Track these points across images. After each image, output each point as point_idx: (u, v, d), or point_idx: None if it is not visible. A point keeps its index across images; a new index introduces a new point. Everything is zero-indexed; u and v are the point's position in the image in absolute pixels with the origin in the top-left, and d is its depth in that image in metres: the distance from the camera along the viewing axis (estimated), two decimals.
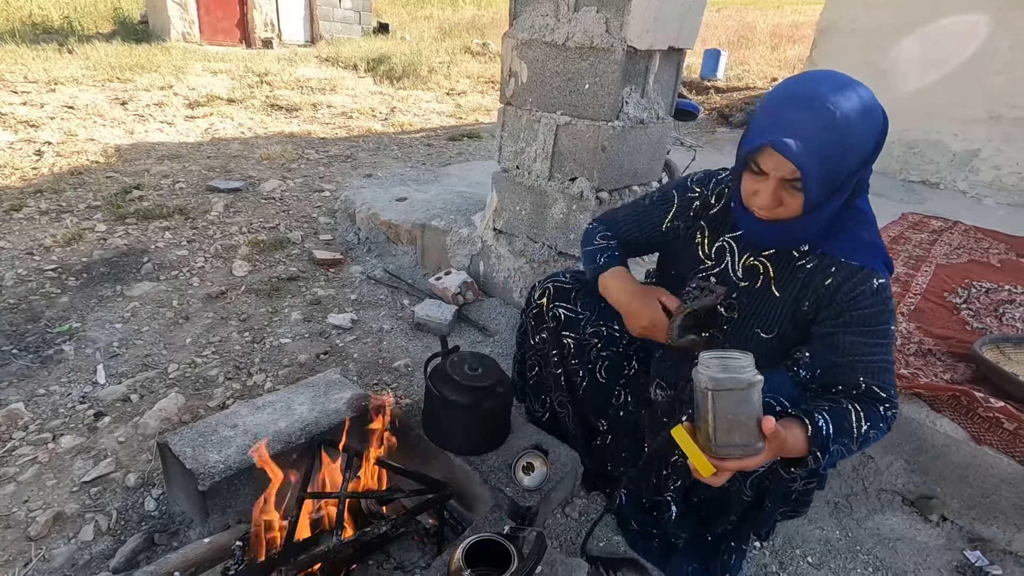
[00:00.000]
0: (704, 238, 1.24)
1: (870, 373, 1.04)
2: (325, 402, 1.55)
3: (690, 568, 1.35)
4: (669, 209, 1.28)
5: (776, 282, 1.14)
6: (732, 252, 1.20)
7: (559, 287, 1.41)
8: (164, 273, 2.48)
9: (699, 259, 1.24)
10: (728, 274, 1.21)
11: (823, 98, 0.91)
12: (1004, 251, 3.04)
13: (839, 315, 1.06)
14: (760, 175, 0.99)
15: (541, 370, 1.52)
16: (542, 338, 1.46)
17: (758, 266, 1.16)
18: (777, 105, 0.96)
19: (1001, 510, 1.43)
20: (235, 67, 7.02)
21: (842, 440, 0.98)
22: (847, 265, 1.06)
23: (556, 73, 2.00)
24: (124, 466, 1.52)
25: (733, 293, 1.19)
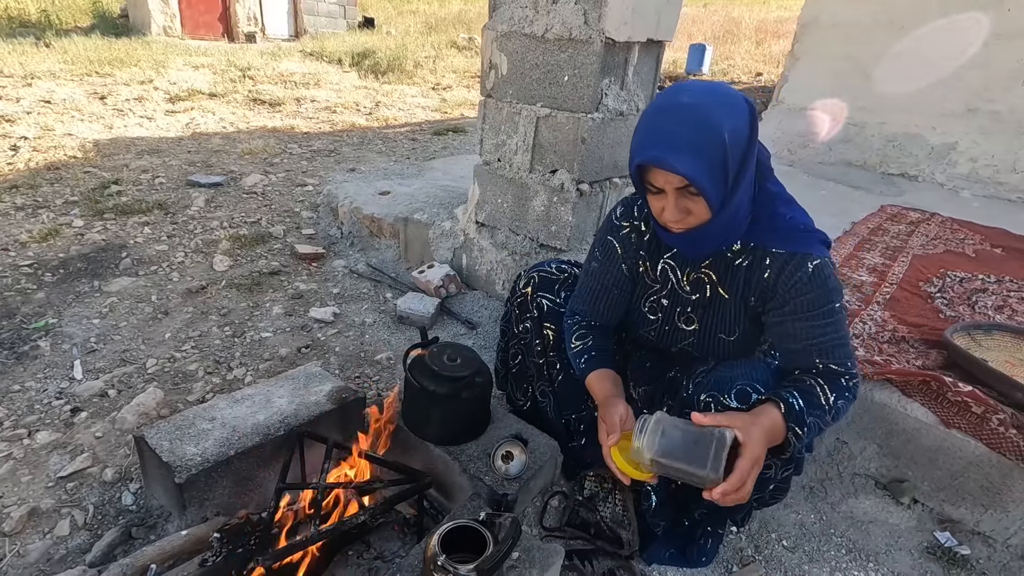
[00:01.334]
0: (646, 265, 1.24)
1: (824, 353, 1.07)
2: (305, 394, 1.54)
3: (667, 553, 1.38)
4: (616, 255, 1.26)
5: (722, 286, 1.16)
6: (674, 271, 1.22)
7: (544, 277, 1.42)
8: (143, 268, 2.46)
9: (647, 285, 1.26)
10: (676, 292, 1.22)
11: (685, 104, 0.94)
12: (979, 242, 3.10)
13: (783, 305, 1.09)
14: (658, 193, 1.01)
15: (524, 359, 1.53)
16: (525, 327, 1.46)
17: (702, 277, 1.18)
18: (647, 122, 0.98)
19: (969, 492, 1.46)
20: (217, 61, 6.93)
21: (815, 412, 1.02)
22: (779, 255, 1.07)
23: (536, 65, 2.00)
24: (101, 461, 1.51)
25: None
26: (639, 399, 1.46)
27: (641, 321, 1.29)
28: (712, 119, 0.92)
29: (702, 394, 1.20)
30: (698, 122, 0.92)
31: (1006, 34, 3.81)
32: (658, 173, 0.97)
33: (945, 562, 1.43)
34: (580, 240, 2.24)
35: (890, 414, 1.54)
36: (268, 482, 1.42)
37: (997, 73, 3.90)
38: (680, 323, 1.24)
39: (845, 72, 4.46)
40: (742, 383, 1.15)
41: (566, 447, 1.55)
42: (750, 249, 1.10)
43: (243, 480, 1.36)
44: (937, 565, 1.43)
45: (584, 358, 1.30)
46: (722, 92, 0.96)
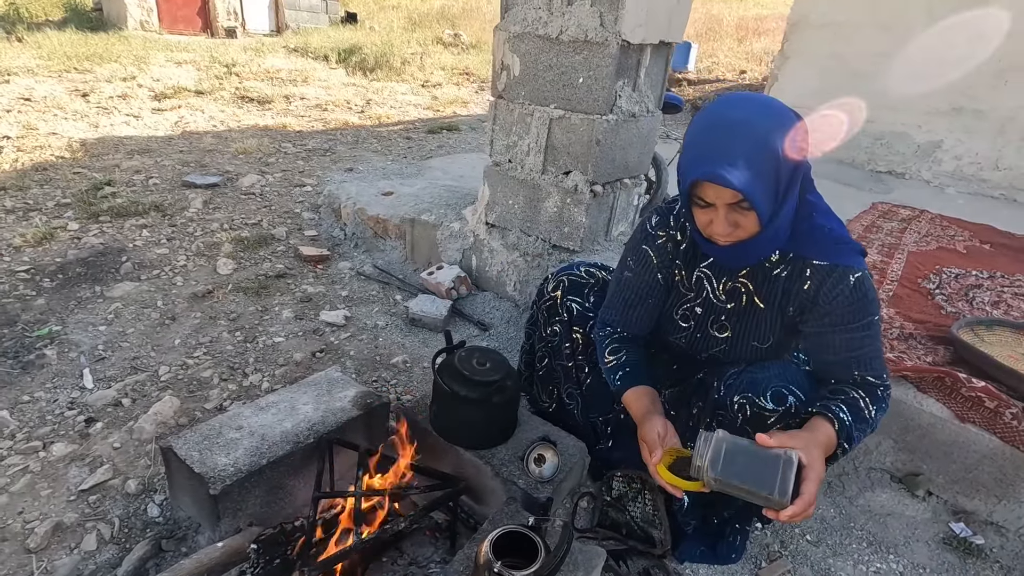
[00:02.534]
0: (682, 273, 1.25)
1: (862, 365, 1.10)
2: (329, 401, 1.53)
3: (698, 551, 1.40)
4: (651, 264, 1.26)
5: (758, 295, 1.17)
6: (710, 280, 1.22)
7: (574, 281, 1.43)
8: (145, 273, 2.40)
9: (681, 294, 1.26)
10: (711, 301, 1.23)
11: (739, 120, 0.94)
12: (968, 238, 3.20)
13: (823, 316, 1.10)
14: (707, 206, 1.01)
15: (551, 361, 1.54)
16: (554, 330, 1.47)
17: (738, 287, 1.19)
18: (699, 138, 0.98)
19: (983, 484, 1.52)
20: (200, 57, 6.78)
21: (860, 426, 1.05)
22: (821, 267, 1.08)
23: (549, 67, 2.00)
24: (122, 472, 1.48)
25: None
26: (666, 401, 1.48)
27: (672, 328, 1.30)
28: (766, 135, 0.93)
29: (735, 396, 1.21)
30: (753, 138, 0.93)
31: (989, 35, 3.91)
32: (710, 187, 0.97)
33: (961, 552, 1.48)
34: (592, 241, 2.25)
35: (906, 410, 1.59)
36: (298, 491, 1.41)
37: (981, 73, 4.01)
38: (712, 331, 1.25)
39: (834, 71, 4.55)
40: (776, 384, 1.17)
41: (593, 448, 1.56)
42: (789, 260, 1.11)
43: (274, 489, 1.35)
44: (954, 555, 1.48)
45: (619, 374, 1.29)
46: (773, 106, 0.97)
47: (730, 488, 0.95)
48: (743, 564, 1.41)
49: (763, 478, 0.92)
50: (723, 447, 0.95)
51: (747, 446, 0.96)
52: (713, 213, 1.01)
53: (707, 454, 0.95)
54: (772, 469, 0.92)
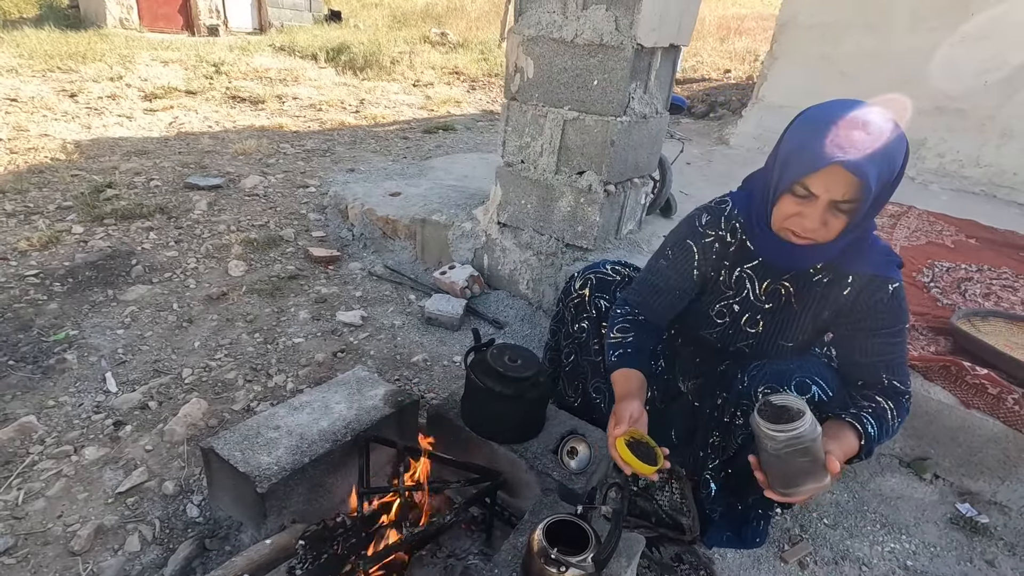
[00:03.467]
0: (724, 273, 1.28)
1: (890, 370, 1.16)
2: (361, 399, 1.56)
3: (725, 536, 1.46)
4: (691, 260, 1.27)
5: (796, 298, 1.22)
6: (752, 280, 1.26)
7: (601, 279, 1.47)
8: (156, 276, 2.40)
9: (720, 291, 1.30)
10: (750, 300, 1.27)
11: (875, 122, 0.94)
12: (954, 233, 3.32)
13: (859, 321, 1.15)
14: (806, 198, 1.00)
15: (578, 357, 1.58)
16: (581, 327, 1.52)
17: (779, 289, 1.23)
18: (829, 127, 0.95)
19: (987, 466, 1.60)
20: (186, 56, 6.68)
21: (883, 438, 1.12)
22: (862, 275, 1.13)
23: (564, 69, 2.05)
24: (157, 474, 1.49)
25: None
26: (689, 393, 1.54)
27: (706, 323, 1.35)
28: (897, 145, 0.95)
29: (760, 386, 1.27)
30: (887, 143, 0.93)
31: (970, 36, 4.06)
32: (826, 179, 0.96)
33: (968, 531, 1.57)
34: (604, 239, 2.30)
35: (914, 397, 1.66)
36: (337, 487, 1.44)
37: (962, 73, 4.16)
38: (745, 326, 1.30)
39: (822, 71, 4.66)
40: (800, 376, 1.22)
41: None
42: (832, 267, 1.16)
43: (316, 487, 1.38)
44: (961, 534, 1.56)
45: (619, 352, 1.30)
46: (896, 124, 0.98)
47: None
48: (767, 548, 1.47)
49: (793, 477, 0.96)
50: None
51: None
52: (809, 207, 1.00)
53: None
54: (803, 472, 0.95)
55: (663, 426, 1.59)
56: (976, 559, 1.50)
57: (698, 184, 3.61)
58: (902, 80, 4.35)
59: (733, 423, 1.36)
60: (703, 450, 1.48)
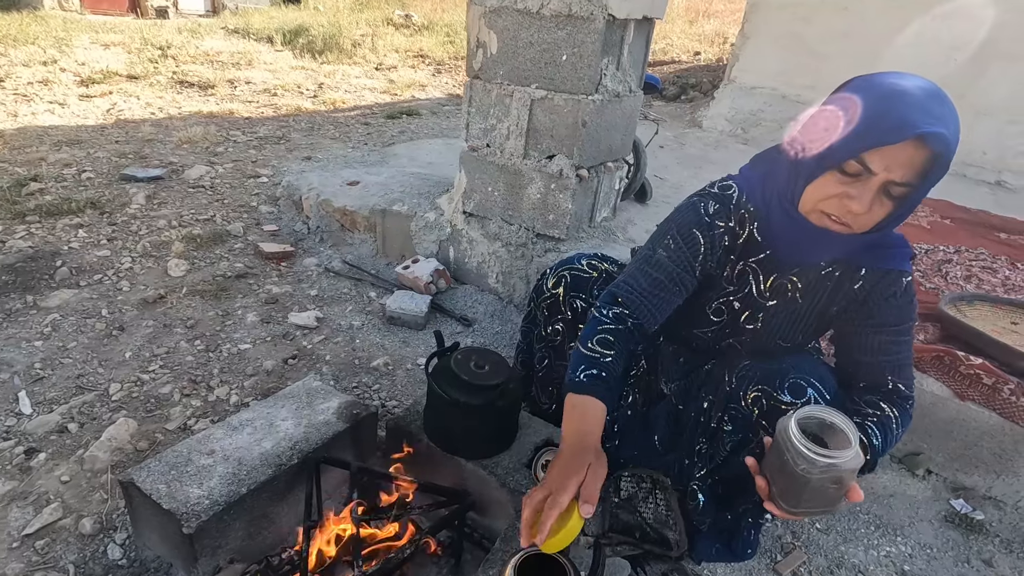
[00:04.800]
0: (728, 267, 1.15)
1: (896, 371, 1.05)
2: (311, 414, 1.39)
3: (714, 549, 1.35)
4: (697, 252, 1.11)
5: (802, 293, 1.10)
6: (756, 275, 1.13)
7: (577, 276, 1.33)
8: (84, 278, 2.16)
9: (720, 287, 1.16)
10: (752, 297, 1.15)
11: (946, 96, 0.83)
12: (929, 213, 3.29)
13: (868, 317, 1.05)
14: (858, 176, 0.86)
15: (552, 361, 1.44)
16: (556, 329, 1.37)
17: (785, 283, 1.11)
18: (907, 94, 0.82)
19: (982, 460, 1.53)
20: (130, 39, 6.24)
21: (886, 449, 1.01)
22: (875, 270, 1.03)
23: (530, 44, 1.88)
24: (74, 510, 1.30)
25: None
26: (672, 395, 1.41)
27: (701, 322, 1.22)
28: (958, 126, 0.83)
29: (750, 388, 1.15)
30: (958, 125, 0.83)
31: (942, 14, 4.02)
32: (892, 154, 0.82)
33: (964, 529, 1.49)
34: (577, 228, 2.16)
35: None
36: (283, 518, 1.27)
37: (933, 51, 4.13)
38: (743, 324, 1.18)
39: (794, 51, 4.59)
40: (795, 376, 1.11)
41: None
42: (843, 261, 1.04)
43: (257, 520, 1.21)
44: (956, 532, 1.49)
45: (590, 371, 1.04)
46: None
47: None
48: (759, 559, 1.37)
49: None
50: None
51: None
52: (859, 187, 0.86)
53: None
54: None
55: (645, 431, 1.47)
56: (973, 559, 1.42)
57: (672, 168, 3.49)
58: (873, 59, 4.29)
59: (721, 429, 1.24)
60: (689, 458, 1.36)
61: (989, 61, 3.94)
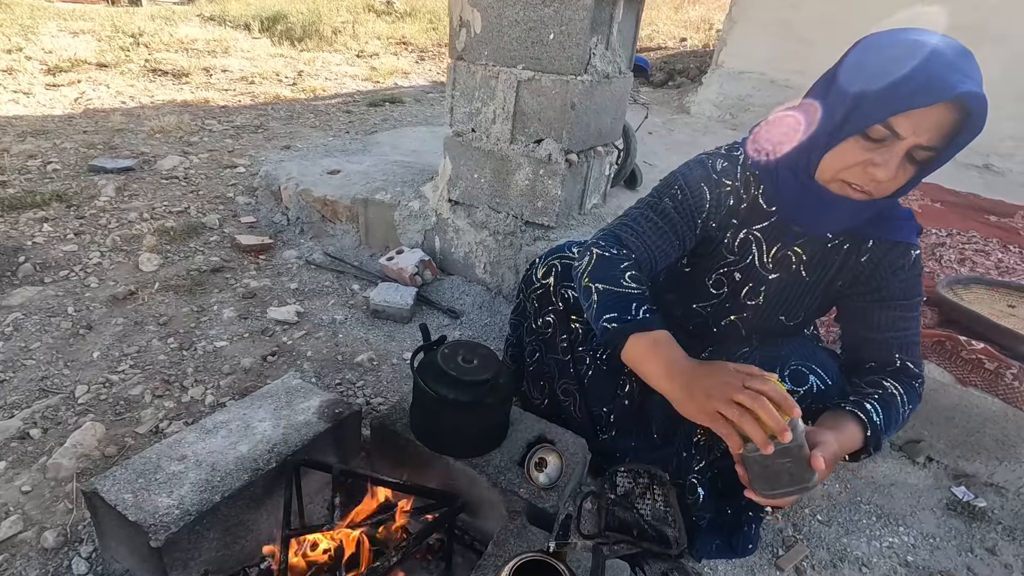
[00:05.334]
0: (728, 233, 1.08)
1: (904, 349, 1.01)
2: (290, 414, 1.32)
3: (714, 545, 1.30)
4: (702, 207, 1.04)
5: (807, 266, 1.05)
6: (760, 244, 1.07)
7: (567, 264, 1.26)
8: (50, 274, 2.05)
9: (721, 256, 1.10)
10: (754, 268, 1.09)
11: (972, 54, 0.79)
12: (920, 197, 3.27)
13: (875, 291, 1.01)
14: (883, 141, 0.82)
15: (543, 355, 1.37)
16: (547, 321, 1.30)
17: (789, 255, 1.06)
18: (940, 53, 0.77)
19: (984, 446, 1.50)
20: (100, 27, 6.01)
21: (891, 429, 0.96)
22: (883, 242, 0.99)
23: (515, 22, 1.80)
24: (36, 522, 1.22)
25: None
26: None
27: (699, 295, 1.15)
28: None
29: None
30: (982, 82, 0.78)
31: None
32: (922, 117, 0.78)
33: (966, 517, 1.46)
34: (567, 215, 2.09)
35: None
36: (261, 525, 1.20)
37: None
38: (744, 299, 1.12)
39: (781, 35, 4.54)
40: (796, 363, 1.06)
41: (594, 441, 1.43)
42: (850, 233, 1.00)
43: (232, 528, 1.14)
44: (959, 520, 1.46)
45: (645, 307, 0.91)
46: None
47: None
48: (760, 554, 1.33)
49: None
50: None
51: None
52: (884, 152, 0.81)
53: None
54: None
55: (642, 422, 1.41)
56: (977, 548, 1.39)
57: (661, 154, 3.43)
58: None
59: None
60: (686, 450, 1.31)
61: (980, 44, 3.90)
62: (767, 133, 1.02)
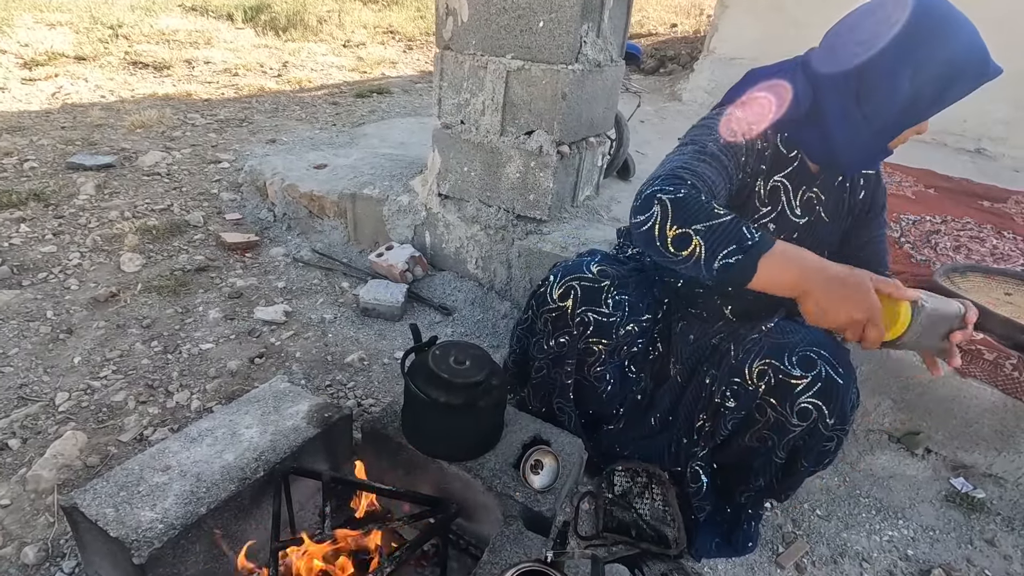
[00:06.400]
0: (759, 183, 1.12)
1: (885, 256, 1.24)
2: (278, 420, 1.28)
3: (714, 544, 1.29)
4: (740, 149, 1.03)
5: (825, 208, 1.16)
6: (787, 191, 1.13)
7: (587, 287, 1.20)
8: (27, 277, 1.98)
9: (754, 208, 1.13)
10: (786, 215, 1.15)
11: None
12: (913, 183, 3.25)
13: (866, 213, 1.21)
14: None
15: (548, 372, 1.33)
16: (560, 343, 1.26)
17: (812, 197, 1.14)
18: (971, 38, 0.90)
19: (983, 437, 1.48)
20: (78, 18, 5.85)
21: None
22: (870, 175, 1.19)
23: (503, 9, 1.74)
24: (16, 537, 1.18)
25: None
26: (679, 376, 1.33)
27: None
28: None
29: (755, 361, 1.12)
30: None
31: None
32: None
33: (965, 508, 1.45)
34: (560, 208, 2.05)
35: (906, 368, 1.52)
36: (249, 536, 1.16)
37: None
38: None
39: (774, 20, 4.48)
40: (803, 348, 1.08)
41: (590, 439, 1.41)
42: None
43: (220, 541, 1.10)
44: (958, 512, 1.45)
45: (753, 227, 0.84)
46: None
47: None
48: (760, 552, 1.31)
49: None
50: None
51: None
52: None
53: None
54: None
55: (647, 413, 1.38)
56: (976, 539, 1.38)
57: (655, 143, 3.39)
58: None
59: (724, 404, 1.18)
60: (687, 436, 1.29)
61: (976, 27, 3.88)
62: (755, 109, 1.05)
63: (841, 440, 1.15)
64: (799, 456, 1.15)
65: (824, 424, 1.05)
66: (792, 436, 1.10)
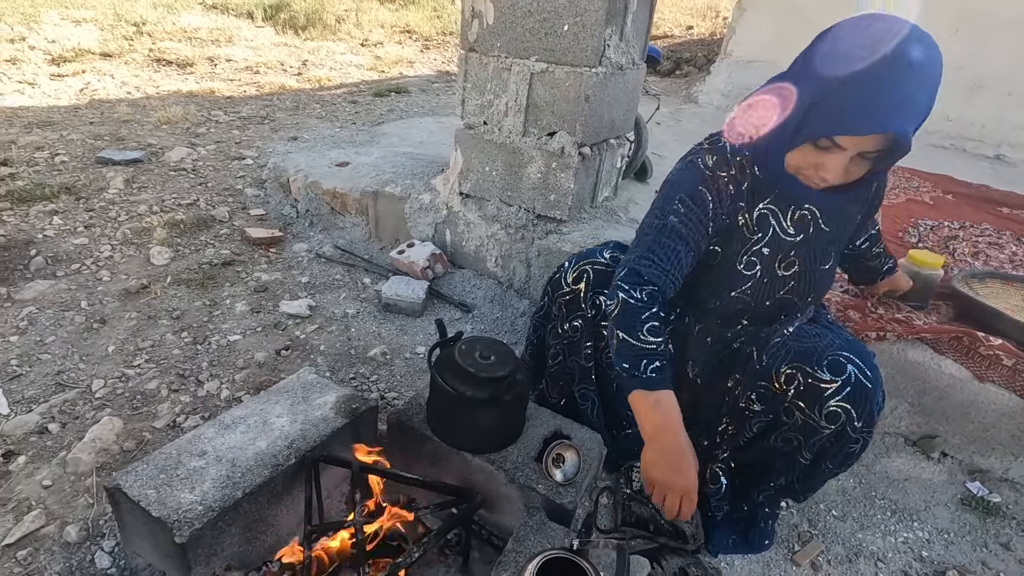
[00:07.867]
0: (745, 216, 1.12)
1: (880, 241, 1.41)
2: (307, 410, 1.32)
3: (730, 540, 1.31)
4: (707, 210, 1.08)
5: (824, 218, 1.14)
6: (776, 215, 1.12)
7: (600, 271, 1.24)
8: (61, 268, 2.05)
9: (745, 239, 1.13)
10: (779, 237, 1.12)
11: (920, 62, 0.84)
12: (931, 189, 3.24)
13: (874, 201, 1.25)
14: (830, 149, 0.93)
15: (565, 359, 1.37)
16: (574, 327, 1.29)
17: (805, 214, 1.12)
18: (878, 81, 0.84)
19: (1000, 442, 1.49)
20: (102, 15, 5.96)
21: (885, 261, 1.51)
22: (880, 175, 1.16)
23: (529, 12, 1.77)
24: (58, 517, 1.23)
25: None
26: (697, 377, 1.35)
27: (736, 281, 1.15)
28: (937, 79, 0.86)
29: (783, 366, 1.13)
30: (931, 87, 0.85)
31: None
32: (861, 139, 0.89)
33: (980, 512, 1.46)
34: (579, 209, 2.08)
35: (923, 372, 1.53)
36: (282, 520, 1.21)
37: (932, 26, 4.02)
38: (780, 270, 1.14)
39: (791, 23, 4.47)
40: (834, 353, 1.08)
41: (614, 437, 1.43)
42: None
43: (255, 523, 1.14)
44: (973, 516, 1.46)
45: (656, 364, 1.01)
46: (934, 42, 0.87)
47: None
48: (776, 549, 1.33)
49: None
50: None
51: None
52: (831, 158, 0.93)
53: None
54: None
55: None
56: (991, 543, 1.39)
57: (670, 145, 3.40)
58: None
59: (749, 408, 1.20)
60: (708, 439, 1.31)
61: (990, 31, 3.86)
62: (746, 118, 1.07)
63: (867, 443, 1.17)
64: (824, 458, 1.16)
65: (852, 427, 1.06)
66: (820, 438, 1.12)
